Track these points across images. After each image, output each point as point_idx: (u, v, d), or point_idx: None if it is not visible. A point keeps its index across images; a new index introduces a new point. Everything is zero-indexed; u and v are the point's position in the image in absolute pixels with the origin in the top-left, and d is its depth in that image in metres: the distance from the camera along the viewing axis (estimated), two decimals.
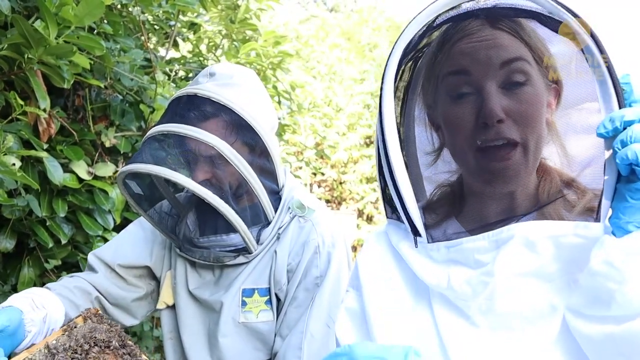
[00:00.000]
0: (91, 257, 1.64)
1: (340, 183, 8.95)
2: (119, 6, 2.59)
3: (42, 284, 2.20)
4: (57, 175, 1.99)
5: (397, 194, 0.94)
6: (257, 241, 1.53)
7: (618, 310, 0.73)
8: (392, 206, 0.98)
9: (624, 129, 0.77)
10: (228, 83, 1.48)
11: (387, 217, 1.06)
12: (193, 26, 3.27)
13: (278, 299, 1.54)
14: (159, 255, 1.70)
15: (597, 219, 0.82)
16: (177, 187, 1.67)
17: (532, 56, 0.92)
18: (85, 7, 1.76)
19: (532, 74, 0.91)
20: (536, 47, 0.92)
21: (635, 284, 0.72)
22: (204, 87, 1.46)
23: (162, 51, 3.04)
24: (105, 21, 2.27)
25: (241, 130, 1.45)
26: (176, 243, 1.61)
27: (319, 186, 8.70)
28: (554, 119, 0.94)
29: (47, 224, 2.06)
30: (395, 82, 0.98)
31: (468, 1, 0.93)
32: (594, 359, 0.77)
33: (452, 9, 0.94)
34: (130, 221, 2.42)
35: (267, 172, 1.52)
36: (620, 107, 0.80)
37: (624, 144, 0.76)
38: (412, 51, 1.00)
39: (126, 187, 1.52)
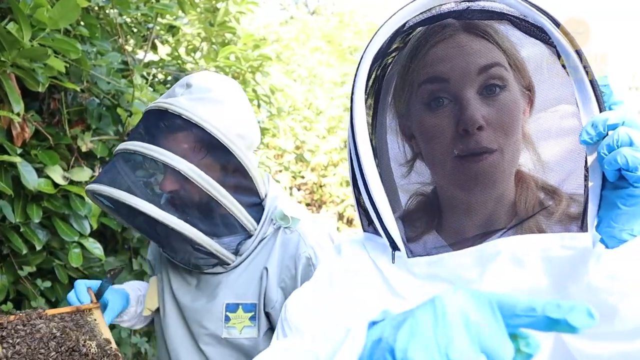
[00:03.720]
0: None
1: (321, 186, 8.94)
2: (95, 8, 2.56)
3: (16, 292, 2.16)
4: (31, 180, 1.95)
5: (373, 206, 0.90)
6: (236, 252, 1.51)
7: (622, 325, 0.70)
8: (369, 218, 0.95)
9: (607, 134, 0.73)
10: (203, 98, 1.44)
11: (364, 230, 1.02)
12: (172, 29, 3.23)
13: (268, 317, 1.50)
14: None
15: (584, 229, 0.78)
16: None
17: (507, 61, 0.90)
18: (61, 10, 1.73)
19: (509, 79, 0.89)
20: (510, 52, 0.90)
21: (639, 297, 0.70)
22: (177, 101, 1.43)
23: (140, 54, 3.01)
24: (82, 24, 2.23)
25: (211, 148, 1.42)
26: (159, 243, 1.60)
27: (299, 189, 8.68)
28: (528, 126, 0.92)
29: (21, 230, 2.02)
30: (366, 90, 0.94)
31: (439, 5, 0.90)
32: None
33: (422, 12, 0.91)
34: (107, 227, 2.40)
35: (244, 188, 1.49)
36: (600, 111, 0.76)
37: (610, 149, 0.71)
38: (381, 58, 0.97)
39: (99, 199, 1.51)
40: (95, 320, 1.51)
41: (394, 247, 0.90)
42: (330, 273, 1.00)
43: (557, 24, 0.80)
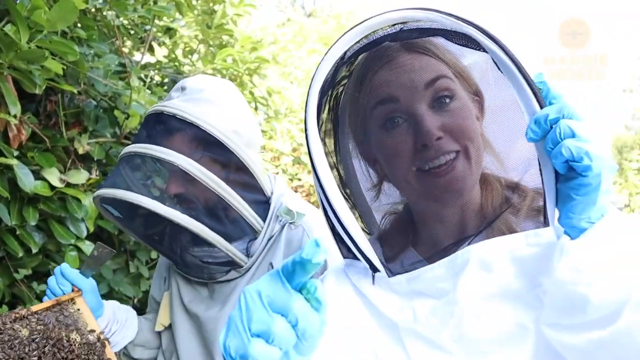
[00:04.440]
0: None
1: None
2: (93, 10, 2.55)
3: (12, 295, 2.15)
4: (27, 182, 1.94)
5: (347, 235, 0.92)
6: (248, 254, 1.50)
7: (596, 313, 0.72)
8: (346, 246, 0.96)
9: (551, 127, 0.76)
10: (196, 98, 1.46)
11: (344, 257, 1.03)
12: (169, 31, 3.22)
13: None
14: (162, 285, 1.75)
15: (546, 223, 0.81)
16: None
17: (452, 72, 0.93)
18: (58, 12, 1.72)
19: (456, 89, 0.92)
20: (452, 62, 0.94)
21: (606, 281, 0.72)
22: (171, 103, 1.45)
23: (137, 56, 3.00)
24: (79, 25, 2.22)
25: (208, 146, 1.42)
26: (171, 258, 1.59)
27: (296, 192, 8.69)
28: (483, 130, 0.95)
29: (17, 232, 2.01)
30: (318, 124, 0.96)
31: (373, 32, 0.93)
32: None
33: (359, 41, 0.94)
34: (105, 230, 2.39)
35: (248, 185, 1.48)
36: (541, 107, 0.79)
37: (555, 142, 0.75)
38: (330, 89, 1.00)
39: (107, 209, 1.51)
40: (78, 310, 1.43)
41: (374, 269, 0.92)
42: None
43: (484, 32, 0.83)
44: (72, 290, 1.46)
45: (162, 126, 1.45)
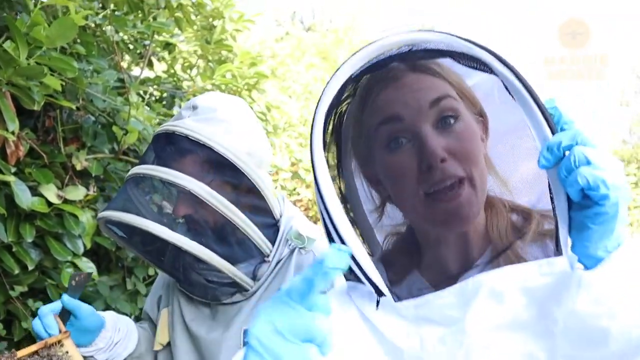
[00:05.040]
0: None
1: (316, 203, 8.90)
2: (92, 26, 2.55)
3: (7, 312, 2.13)
4: (24, 199, 1.93)
5: (352, 258, 0.88)
6: (254, 277, 1.48)
7: (617, 345, 0.70)
8: (349, 268, 0.92)
9: (564, 155, 0.74)
10: (209, 118, 1.43)
11: (346, 279, 0.99)
12: (168, 46, 3.23)
13: None
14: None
15: (559, 252, 0.79)
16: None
17: (456, 93, 0.92)
18: (58, 28, 1.72)
19: (461, 109, 0.91)
20: (457, 83, 0.93)
21: (627, 315, 0.70)
22: (183, 123, 1.41)
23: (136, 70, 3.00)
24: (78, 41, 2.22)
25: (221, 168, 1.39)
26: (175, 277, 1.57)
27: (294, 206, 8.65)
28: (488, 152, 0.94)
29: (14, 249, 1.99)
30: (324, 144, 0.94)
31: (388, 51, 0.91)
32: None
33: (369, 60, 0.93)
34: (102, 246, 2.37)
35: (258, 208, 1.46)
36: (553, 133, 0.77)
37: (569, 170, 0.73)
38: (334, 107, 0.98)
39: (111, 229, 1.49)
40: (67, 352, 1.35)
41: (379, 293, 0.89)
42: None
43: (496, 57, 0.82)
44: (60, 332, 1.37)
45: (172, 147, 1.41)
